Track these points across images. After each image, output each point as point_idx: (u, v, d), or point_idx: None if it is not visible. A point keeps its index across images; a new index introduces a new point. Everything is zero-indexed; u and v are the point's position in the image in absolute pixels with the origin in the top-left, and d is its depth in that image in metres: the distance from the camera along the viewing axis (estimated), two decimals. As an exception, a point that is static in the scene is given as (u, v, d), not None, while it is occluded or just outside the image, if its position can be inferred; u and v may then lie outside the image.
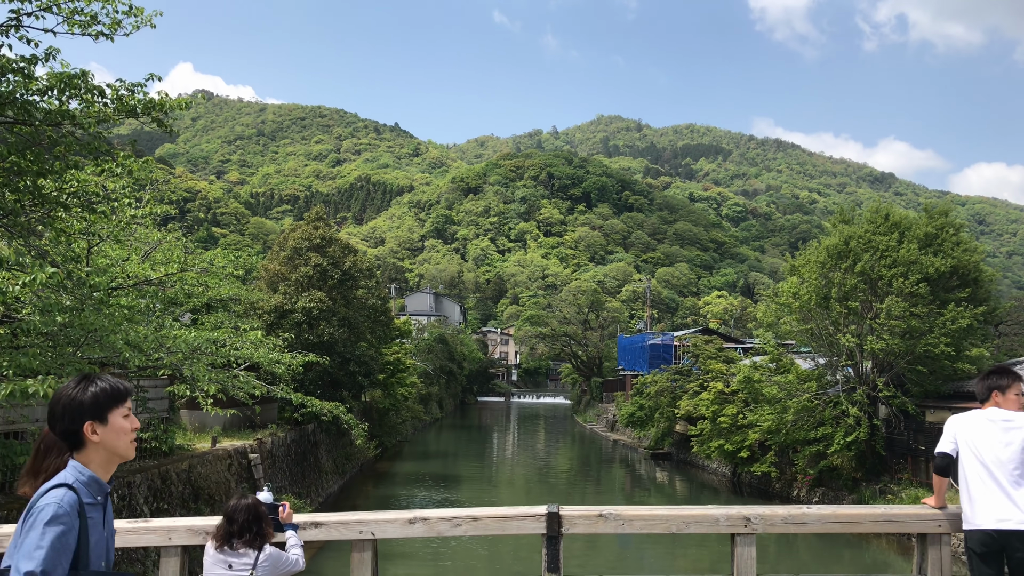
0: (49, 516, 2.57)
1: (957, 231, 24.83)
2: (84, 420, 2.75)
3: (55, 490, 2.64)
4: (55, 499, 2.61)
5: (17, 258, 8.08)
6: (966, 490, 4.85)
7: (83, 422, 2.75)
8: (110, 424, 2.79)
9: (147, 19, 8.58)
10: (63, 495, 2.62)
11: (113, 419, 2.79)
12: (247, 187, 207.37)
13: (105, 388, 2.79)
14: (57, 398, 2.77)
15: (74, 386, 2.77)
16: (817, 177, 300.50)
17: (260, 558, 4.66)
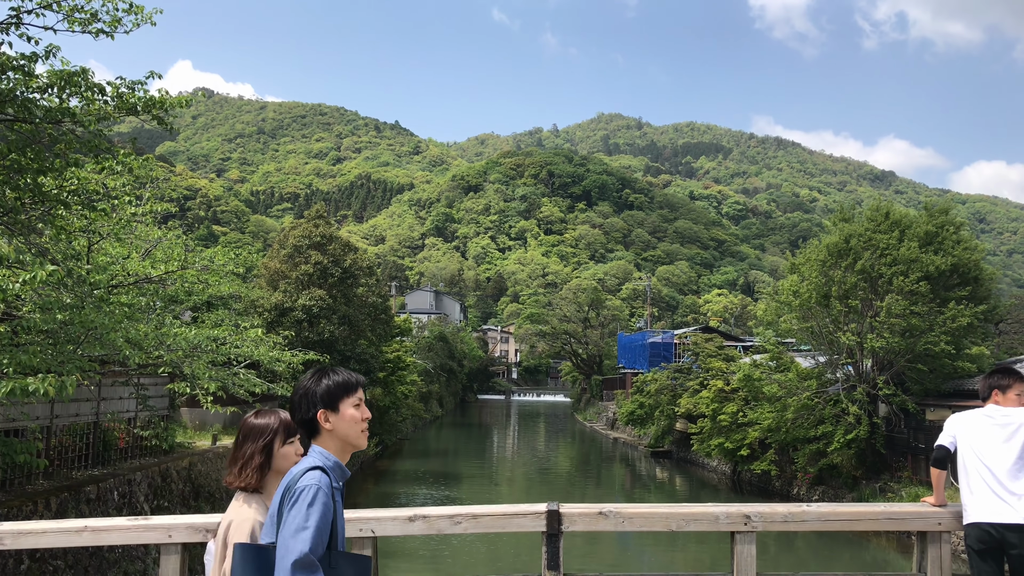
0: (311, 497, 2.70)
1: (957, 229, 24.81)
2: (317, 409, 2.93)
3: (312, 472, 2.78)
4: (315, 480, 2.74)
5: (17, 256, 8.07)
6: (966, 486, 4.86)
7: (317, 410, 2.93)
8: (341, 413, 2.95)
9: (147, 16, 8.57)
10: (320, 476, 2.77)
11: (344, 409, 2.95)
12: (247, 185, 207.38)
13: (337, 380, 2.99)
14: (296, 388, 3.01)
15: (310, 377, 3.00)
16: (817, 175, 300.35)
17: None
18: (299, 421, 2.97)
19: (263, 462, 3.26)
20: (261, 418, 3.34)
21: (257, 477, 3.24)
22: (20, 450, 10.60)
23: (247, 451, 3.26)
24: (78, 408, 13.61)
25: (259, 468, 3.25)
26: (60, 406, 12.83)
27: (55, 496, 11.05)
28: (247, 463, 3.25)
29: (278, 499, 2.80)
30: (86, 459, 13.68)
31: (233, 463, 3.29)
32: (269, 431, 3.29)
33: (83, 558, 10.88)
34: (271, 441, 3.28)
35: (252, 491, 3.24)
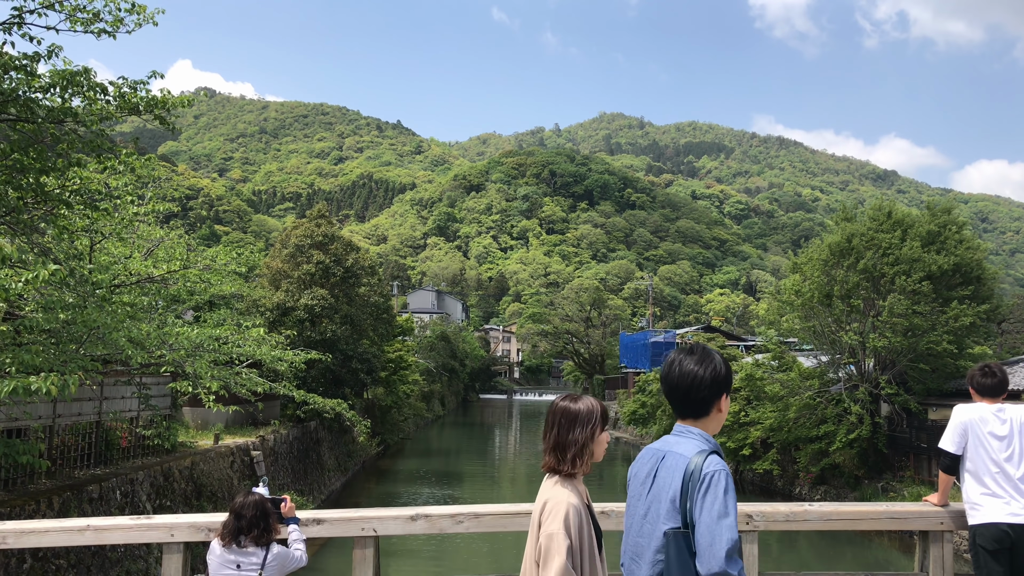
0: (724, 483, 2.71)
1: (960, 229, 24.79)
2: (722, 392, 2.95)
3: (712, 457, 2.79)
4: (722, 466, 2.75)
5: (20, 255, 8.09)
6: (980, 484, 4.80)
7: (722, 395, 2.95)
8: (724, 401, 2.97)
9: (149, 16, 8.58)
10: (721, 462, 2.78)
11: (726, 399, 2.99)
12: (249, 185, 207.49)
13: (727, 367, 3.01)
14: (692, 369, 2.94)
15: (704, 359, 2.94)
16: (820, 175, 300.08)
17: (268, 557, 4.65)
18: (693, 400, 2.93)
19: (590, 450, 3.20)
20: (582, 404, 3.24)
21: (587, 464, 3.20)
22: (23, 450, 10.60)
23: (578, 437, 3.17)
24: (80, 407, 13.62)
25: (590, 456, 3.20)
26: (62, 405, 12.84)
27: (57, 495, 11.07)
28: (580, 450, 3.17)
29: (675, 483, 2.80)
30: (88, 458, 13.69)
31: (560, 449, 3.18)
32: (595, 417, 3.23)
33: (85, 557, 10.89)
34: (596, 427, 3.22)
35: (568, 475, 3.19)
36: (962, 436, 4.94)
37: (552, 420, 3.26)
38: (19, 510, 10.04)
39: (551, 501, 3.12)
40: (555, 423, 3.23)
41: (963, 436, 4.94)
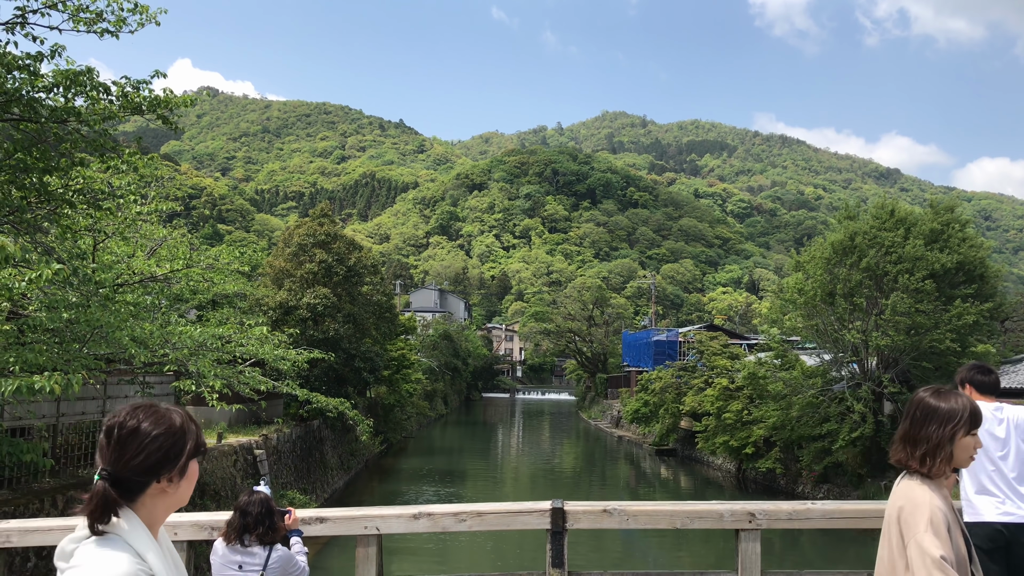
0: None
1: (963, 227, 24.75)
2: None
3: None
4: None
5: (23, 255, 8.10)
6: (976, 483, 4.81)
7: None
8: None
9: (152, 16, 8.59)
10: None
11: None
12: (252, 184, 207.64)
13: None
14: None
15: None
16: (822, 173, 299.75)
17: (271, 558, 4.65)
18: None
19: (947, 452, 2.96)
20: (945, 401, 3.00)
21: (943, 468, 2.97)
22: (26, 450, 10.62)
23: (932, 435, 2.95)
24: (84, 406, 13.65)
25: (946, 459, 2.96)
26: (66, 404, 12.86)
27: (61, 494, 11.09)
28: (932, 449, 2.95)
29: None
30: (92, 457, 13.72)
31: (910, 443, 3.01)
32: (958, 418, 2.97)
33: (89, 556, 10.90)
34: (958, 429, 2.96)
35: (929, 475, 2.98)
36: None
37: (908, 410, 3.09)
38: (23, 509, 10.06)
39: (909, 504, 2.90)
40: (910, 414, 3.06)
41: None
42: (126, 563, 1.87)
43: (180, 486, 2.07)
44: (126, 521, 1.96)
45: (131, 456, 1.96)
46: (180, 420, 2.06)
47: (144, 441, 1.97)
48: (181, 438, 2.04)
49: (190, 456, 2.07)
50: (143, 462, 1.97)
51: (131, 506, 1.99)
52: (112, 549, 1.90)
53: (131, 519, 1.97)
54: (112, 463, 1.97)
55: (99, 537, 1.92)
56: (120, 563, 1.87)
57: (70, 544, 1.96)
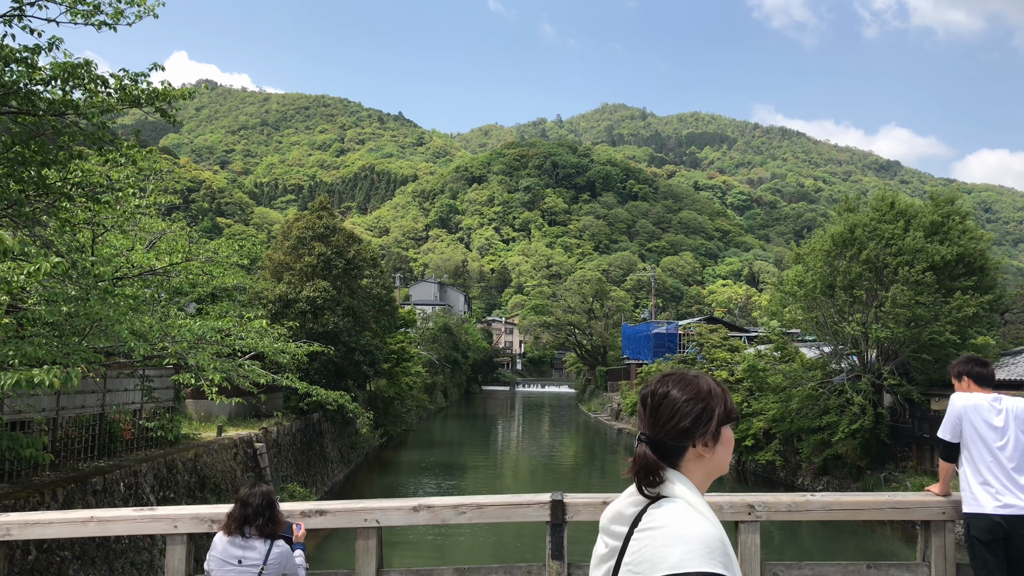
0: None
1: (963, 219, 24.74)
2: None
3: None
4: None
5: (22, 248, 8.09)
6: (975, 474, 4.81)
7: None
8: None
9: (150, 9, 8.56)
10: None
11: None
12: (251, 177, 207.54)
13: None
14: None
15: None
16: (822, 165, 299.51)
17: (272, 553, 4.64)
18: None
19: None
20: None
21: None
22: (26, 444, 10.63)
23: None
24: (84, 400, 13.65)
25: None
26: (66, 398, 12.87)
27: (61, 487, 11.10)
28: None
29: None
30: (92, 451, 13.73)
31: None
32: None
33: (90, 549, 10.93)
34: None
35: None
36: (957, 424, 4.94)
37: None
38: (23, 502, 10.08)
39: None
40: None
41: (958, 424, 4.94)
42: (706, 523, 1.92)
43: (716, 451, 2.10)
44: (684, 485, 2.02)
45: (664, 421, 2.04)
46: (707, 386, 2.11)
47: (675, 406, 2.05)
48: (709, 403, 2.08)
49: (721, 421, 2.10)
50: (675, 426, 2.04)
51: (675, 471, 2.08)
52: (689, 509, 1.96)
53: (687, 483, 2.04)
54: (649, 427, 2.07)
55: (667, 499, 2.00)
56: (702, 522, 1.91)
57: (630, 508, 2.03)
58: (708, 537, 1.85)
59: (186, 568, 4.82)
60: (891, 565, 4.95)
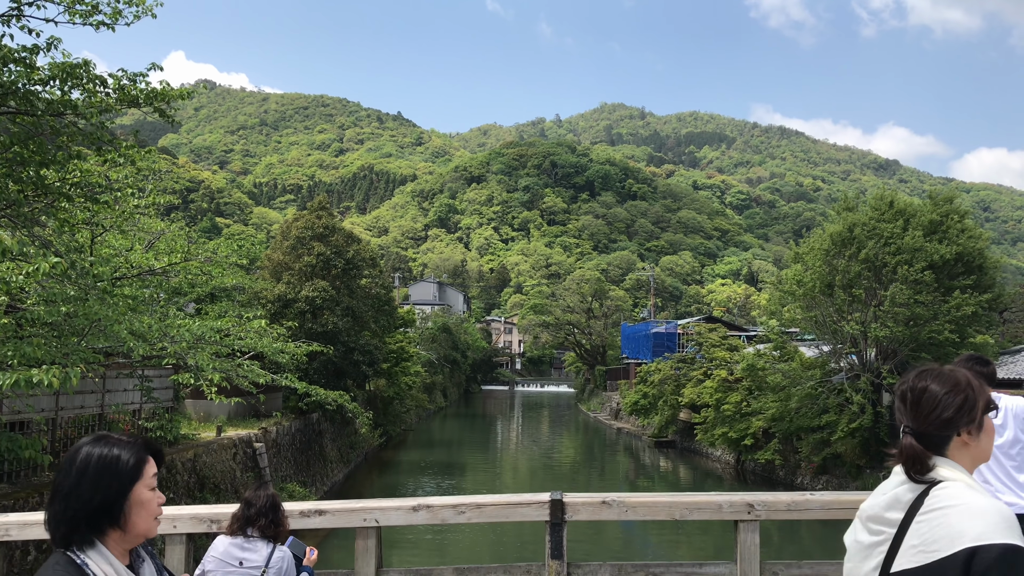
0: None
1: (962, 218, 24.74)
2: None
3: None
4: None
5: (21, 248, 8.08)
6: (975, 473, 4.80)
7: None
8: None
9: (148, 9, 8.56)
10: None
11: None
12: (250, 177, 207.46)
13: None
14: None
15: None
16: (821, 164, 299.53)
17: (274, 556, 4.63)
18: None
19: None
20: None
21: None
22: (25, 446, 10.63)
23: None
24: (83, 400, 13.65)
25: None
26: (65, 398, 12.86)
27: (61, 488, 11.08)
28: None
29: None
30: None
31: None
32: None
33: (89, 549, 10.91)
34: None
35: None
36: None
37: None
38: (23, 502, 10.07)
39: None
40: None
41: None
42: (996, 501, 2.03)
43: (980, 439, 2.20)
44: (956, 470, 2.14)
45: (927, 413, 2.15)
46: (965, 378, 2.19)
47: (936, 399, 2.15)
48: (969, 394, 2.17)
49: (984, 411, 2.20)
50: (938, 417, 2.14)
51: None
52: (972, 489, 2.07)
53: (958, 468, 2.15)
54: (912, 420, 2.17)
55: (946, 482, 2.09)
56: (992, 500, 2.02)
57: (907, 494, 2.12)
58: (1004, 512, 1.97)
59: (186, 568, 4.82)
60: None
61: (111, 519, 2.07)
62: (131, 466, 2.11)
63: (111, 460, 2.09)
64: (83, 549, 2.05)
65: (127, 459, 2.11)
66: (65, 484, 2.06)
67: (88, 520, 2.05)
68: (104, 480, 2.07)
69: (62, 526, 2.05)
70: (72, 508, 2.04)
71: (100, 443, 2.13)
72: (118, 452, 2.11)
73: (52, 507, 2.06)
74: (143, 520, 2.13)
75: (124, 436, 2.18)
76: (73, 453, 2.10)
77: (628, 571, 4.84)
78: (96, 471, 2.07)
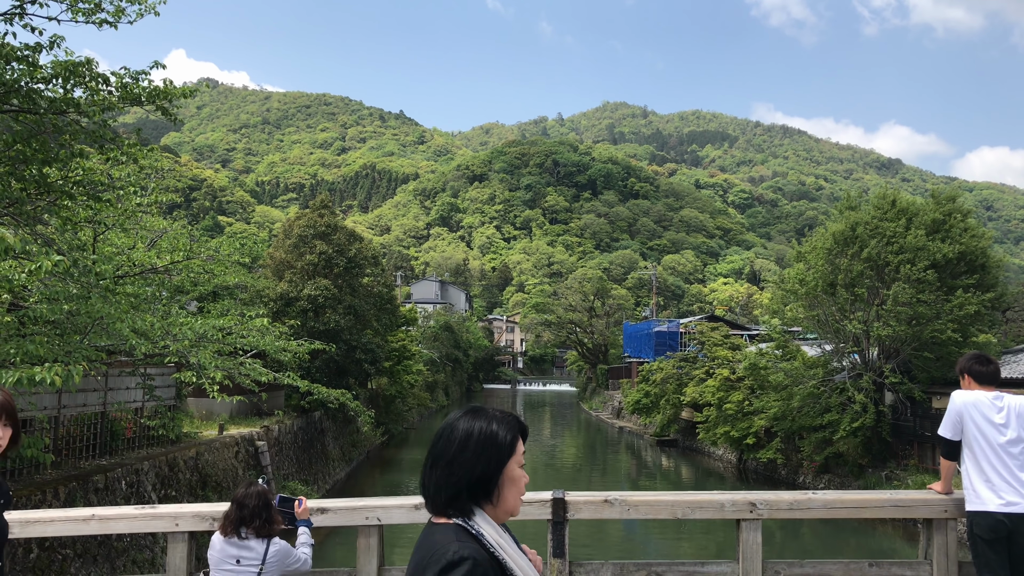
0: None
1: (965, 217, 24.69)
2: None
3: None
4: None
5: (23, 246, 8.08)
6: (978, 472, 4.80)
7: None
8: None
9: (151, 7, 8.55)
10: None
11: None
12: (253, 175, 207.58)
13: None
14: None
15: None
16: (824, 163, 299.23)
17: (269, 552, 4.63)
18: None
19: None
20: None
21: None
22: (28, 444, 10.64)
23: None
24: (85, 398, 13.66)
25: None
26: (67, 396, 12.88)
27: (63, 485, 11.11)
28: None
29: None
30: (93, 449, 13.74)
31: None
32: None
33: (92, 547, 10.94)
34: None
35: None
36: (958, 422, 4.93)
37: None
38: (25, 500, 10.08)
39: None
40: None
41: (959, 422, 4.92)
42: None
43: None
44: None
45: None
46: None
47: None
48: None
49: None
50: None
51: None
52: None
53: None
54: None
55: None
56: None
57: None
58: None
59: (188, 566, 4.83)
60: (893, 563, 4.94)
61: (486, 493, 2.13)
62: (508, 442, 2.16)
63: (491, 434, 2.15)
64: (470, 519, 2.11)
65: (504, 435, 2.16)
66: (448, 451, 2.12)
67: (469, 490, 2.11)
68: (486, 453, 2.13)
69: (443, 491, 2.11)
70: (456, 475, 2.10)
71: (479, 417, 2.19)
72: (496, 427, 2.17)
73: (435, 472, 2.12)
74: (513, 496, 2.19)
75: (498, 412, 2.23)
76: (451, 425, 2.17)
77: (630, 570, 4.83)
78: (478, 443, 2.12)
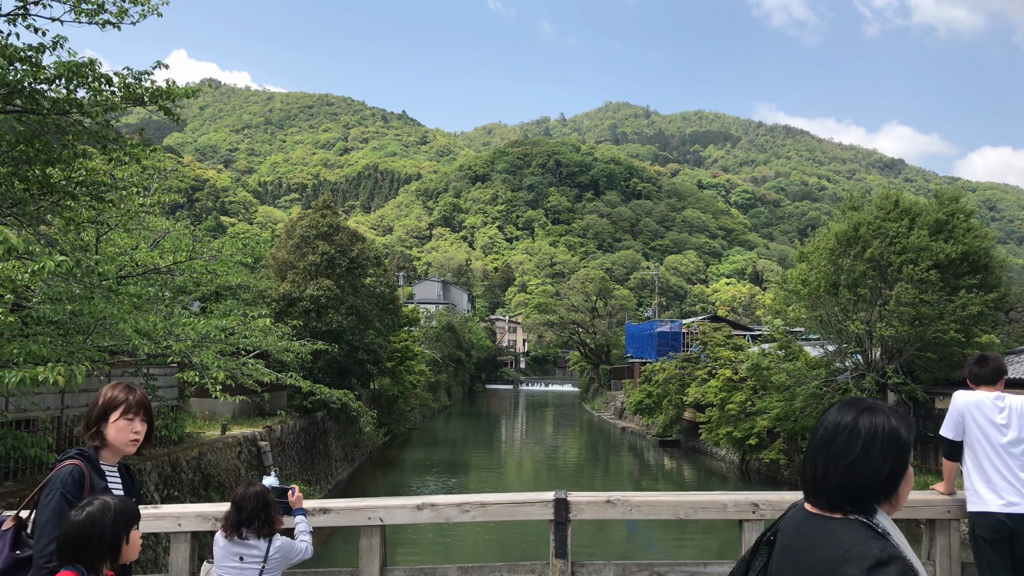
0: None
1: (968, 217, 24.64)
2: None
3: None
4: None
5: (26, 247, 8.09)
6: (979, 472, 4.79)
7: None
8: None
9: (154, 7, 8.56)
10: None
11: None
12: (255, 176, 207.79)
13: None
14: None
15: None
16: (826, 163, 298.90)
17: (271, 550, 4.64)
18: None
19: None
20: None
21: None
22: (30, 443, 10.65)
23: None
24: (88, 398, 13.67)
25: None
26: (70, 396, 12.89)
27: (66, 485, 11.10)
28: None
29: None
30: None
31: None
32: None
33: (94, 547, 10.93)
34: None
35: None
36: (959, 422, 4.93)
37: None
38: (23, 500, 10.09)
39: None
40: None
41: (960, 422, 4.92)
42: None
43: None
44: None
45: None
46: None
47: None
48: None
49: None
50: None
51: None
52: None
53: None
54: None
55: None
56: None
57: None
58: None
59: (190, 566, 4.83)
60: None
61: (891, 491, 2.09)
62: (911, 441, 2.11)
63: (895, 432, 2.09)
64: (872, 517, 2.07)
65: (905, 433, 2.10)
66: (852, 451, 2.05)
67: (877, 490, 2.06)
68: (892, 452, 2.07)
69: (849, 491, 2.06)
70: (864, 475, 2.05)
71: (876, 413, 2.11)
72: (896, 424, 2.10)
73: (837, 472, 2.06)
74: (906, 493, 2.14)
75: (887, 406, 2.16)
76: (847, 424, 2.09)
77: (632, 570, 4.83)
78: (885, 443, 2.07)
